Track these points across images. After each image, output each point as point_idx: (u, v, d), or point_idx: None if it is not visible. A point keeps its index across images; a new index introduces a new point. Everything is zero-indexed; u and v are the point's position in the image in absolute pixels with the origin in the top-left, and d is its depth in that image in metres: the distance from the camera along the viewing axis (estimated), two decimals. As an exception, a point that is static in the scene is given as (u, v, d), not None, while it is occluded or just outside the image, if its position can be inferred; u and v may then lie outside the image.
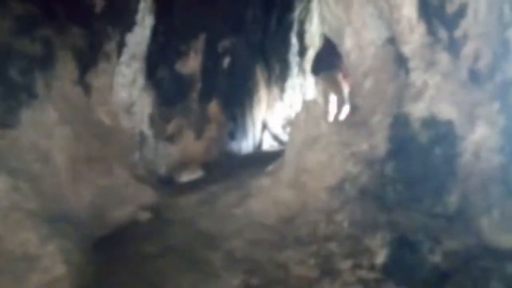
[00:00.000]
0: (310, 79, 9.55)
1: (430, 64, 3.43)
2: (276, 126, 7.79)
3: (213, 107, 6.35)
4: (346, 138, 3.75)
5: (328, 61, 7.26)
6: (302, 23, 9.22)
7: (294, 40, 8.85)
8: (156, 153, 5.29)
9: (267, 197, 3.91)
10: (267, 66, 7.90)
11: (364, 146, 3.65)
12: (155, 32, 5.03)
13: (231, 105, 6.73)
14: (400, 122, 3.57)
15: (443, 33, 3.37)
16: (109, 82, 4.54)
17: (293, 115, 8.70)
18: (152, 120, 5.31)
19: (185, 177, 5.09)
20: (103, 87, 4.46)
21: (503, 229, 2.78)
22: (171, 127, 5.68)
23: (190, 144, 5.94)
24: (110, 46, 4.44)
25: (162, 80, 5.50)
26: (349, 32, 4.32)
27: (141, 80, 5.01)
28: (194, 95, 5.92)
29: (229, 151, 6.83)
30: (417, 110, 3.44)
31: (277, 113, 8.29)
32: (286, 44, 8.52)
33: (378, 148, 3.61)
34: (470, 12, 3.24)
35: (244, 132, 7.09)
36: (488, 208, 2.89)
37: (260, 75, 7.55)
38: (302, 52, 9.23)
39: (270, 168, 4.37)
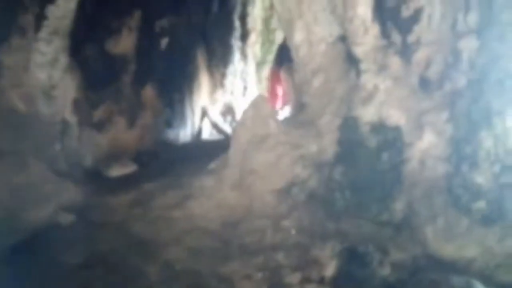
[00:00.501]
0: (252, 66, 9.31)
1: (382, 68, 3.36)
2: (216, 113, 7.45)
3: (148, 91, 5.83)
4: (295, 139, 3.58)
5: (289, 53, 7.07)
6: (244, 5, 8.85)
7: (237, 24, 8.47)
8: (80, 143, 4.70)
9: (210, 199, 3.64)
10: (208, 50, 7.46)
11: (313, 148, 3.51)
12: (82, 4, 4.38)
13: (169, 90, 6.25)
14: (349, 125, 3.48)
15: (396, 37, 3.31)
16: (25, 60, 3.87)
17: (234, 102, 8.43)
18: (77, 106, 4.70)
19: (116, 171, 4.61)
20: (17, 66, 3.78)
21: (446, 238, 2.82)
22: (99, 114, 5.10)
23: (121, 133, 5.40)
24: (26, 19, 3.76)
25: (89, 60, 4.87)
26: (299, 26, 4.10)
27: (64, 60, 4.37)
28: (127, 78, 5.36)
29: (165, 140, 6.38)
30: (367, 114, 3.37)
31: (218, 100, 7.94)
32: (228, 27, 8.11)
33: (327, 151, 3.50)
34: (424, 17, 3.20)
35: (182, 120, 6.67)
36: (433, 217, 2.91)
37: (201, 59, 7.11)
38: (244, 36, 8.90)
39: (212, 165, 4.07)
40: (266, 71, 10.38)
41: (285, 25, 4.42)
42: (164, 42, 5.78)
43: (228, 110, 8.25)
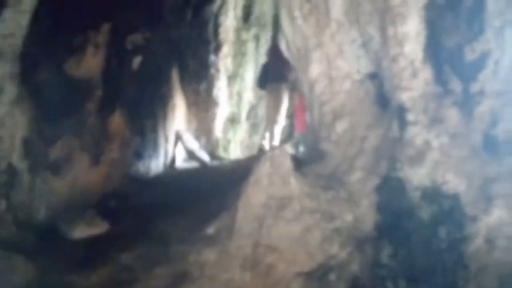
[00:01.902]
0: (223, 82, 8.52)
1: (435, 121, 2.72)
2: (190, 138, 6.55)
3: (116, 120, 4.84)
4: (324, 204, 2.85)
5: (275, 73, 6.35)
6: (216, 15, 8.04)
7: (211, 35, 7.62)
8: (33, 193, 3.67)
9: (213, 281, 2.81)
10: (181, 66, 6.54)
11: (348, 217, 2.80)
12: (37, 18, 3.36)
13: (139, 116, 5.28)
14: (392, 188, 2.82)
15: (455, 85, 2.68)
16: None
17: (207, 122, 7.56)
18: (28, 146, 3.65)
19: (80, 231, 3.61)
20: None
21: None
22: (56, 152, 4.04)
23: (84, 173, 4.38)
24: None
25: (44, 86, 3.82)
26: (317, 57, 3.39)
27: (11, 90, 3.33)
28: (91, 106, 4.35)
29: (134, 174, 5.40)
30: (416, 176, 2.72)
31: (191, 121, 7.04)
32: (203, 39, 7.25)
33: (365, 222, 2.80)
34: (491, 63, 2.60)
35: (155, 149, 5.71)
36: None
37: (175, 77, 6.19)
38: (216, 49, 8.07)
39: (211, 230, 3.23)
40: (238, 86, 9.63)
41: (297, 53, 3.69)
42: (136, 61, 4.82)
43: (203, 132, 7.40)
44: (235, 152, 10.11)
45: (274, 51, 6.87)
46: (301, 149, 12.24)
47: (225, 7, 8.38)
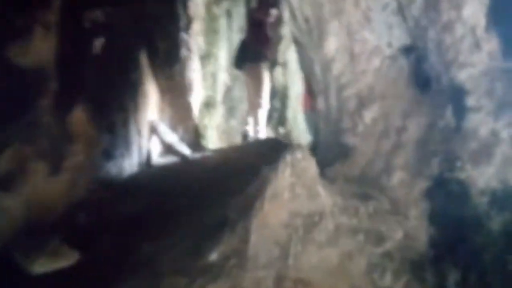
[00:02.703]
0: (197, 63, 7.70)
1: (504, 106, 2.13)
2: (168, 131, 5.73)
3: (78, 116, 3.96)
4: (365, 220, 2.21)
5: (253, 51, 5.76)
6: (185, -13, 7.10)
7: (181, 11, 6.70)
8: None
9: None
10: (151, 48, 5.64)
11: (398, 235, 2.19)
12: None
13: (106, 109, 4.43)
14: (449, 192, 2.22)
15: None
16: None
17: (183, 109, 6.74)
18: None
19: (42, 265, 2.82)
20: None
21: None
22: (4, 163, 3.18)
23: (43, 186, 3.53)
24: None
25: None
26: (335, 29, 2.69)
27: None
28: (45, 102, 3.46)
29: (105, 178, 4.57)
30: (482, 176, 2.14)
31: (165, 109, 6.19)
32: (172, 16, 6.32)
33: (418, 239, 2.20)
34: None
35: (127, 146, 4.88)
36: None
37: (144, 60, 5.30)
38: (187, 26, 7.17)
39: (214, 256, 2.54)
40: (212, 67, 8.95)
41: (305, 26, 2.96)
42: (98, 43, 3.93)
43: (180, 121, 6.58)
44: (212, 138, 9.53)
45: (250, 27, 6.31)
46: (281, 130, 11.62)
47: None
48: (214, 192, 3.82)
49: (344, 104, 2.72)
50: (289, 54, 10.42)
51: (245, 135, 6.44)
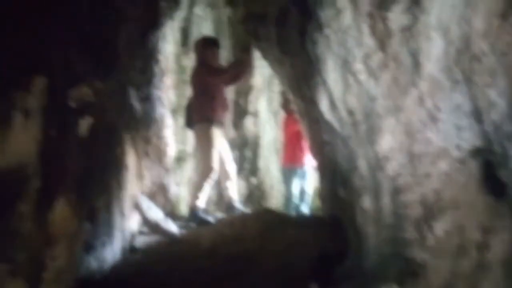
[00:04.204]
0: (169, 118, 7.20)
1: None
2: (153, 207, 5.07)
3: (60, 211, 3.25)
4: None
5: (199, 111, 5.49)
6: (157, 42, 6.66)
7: (154, 68, 6.21)
8: None
9: None
10: (130, 113, 5.06)
11: None
12: None
13: (89, 196, 3.75)
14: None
15: None
16: None
17: (162, 174, 6.12)
18: None
19: None
20: None
21: None
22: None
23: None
24: None
25: None
26: (391, 126, 2.38)
27: None
28: (26, 206, 2.77)
29: (85, 275, 3.82)
30: None
31: (144, 177, 5.54)
32: (147, 74, 5.81)
33: None
34: None
35: (109, 233, 4.17)
36: None
37: (125, 130, 4.70)
38: (160, 81, 6.68)
39: None
40: (181, 119, 8.52)
41: (349, 118, 2.62)
42: (84, 123, 3.33)
43: (159, 188, 5.95)
44: (183, 194, 9.07)
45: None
46: (254, 180, 11.18)
47: (163, 31, 7.05)
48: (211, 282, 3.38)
49: (405, 210, 2.39)
50: (259, 103, 10.21)
51: (229, 206, 5.81)
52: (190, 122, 5.89)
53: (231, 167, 5.80)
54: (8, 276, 2.72)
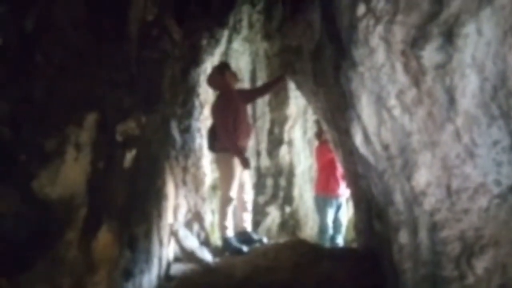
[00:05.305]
0: (206, 151, 7.34)
1: None
2: (189, 236, 5.19)
3: (103, 239, 3.43)
4: None
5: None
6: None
7: (194, 100, 6.47)
8: None
9: None
10: (170, 143, 5.29)
11: None
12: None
13: (130, 224, 3.91)
14: None
15: None
16: None
17: (199, 203, 6.26)
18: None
19: None
20: None
21: None
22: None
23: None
24: None
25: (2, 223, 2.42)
26: (427, 161, 2.38)
27: None
28: (73, 235, 2.95)
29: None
30: None
31: (181, 205, 5.69)
32: (187, 106, 6.07)
33: None
34: None
35: (148, 260, 4.30)
36: None
37: (166, 160, 4.91)
38: (199, 113, 6.93)
39: None
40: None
41: (383, 153, 2.64)
42: (129, 156, 3.53)
43: (195, 217, 6.07)
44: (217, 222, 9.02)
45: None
46: (288, 209, 11.10)
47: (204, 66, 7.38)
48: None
49: (443, 247, 2.34)
50: (294, 132, 10.27)
51: (245, 237, 5.68)
52: (212, 146, 5.80)
53: (248, 197, 5.82)
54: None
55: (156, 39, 3.92)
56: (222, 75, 5.71)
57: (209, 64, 7.50)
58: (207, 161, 7.05)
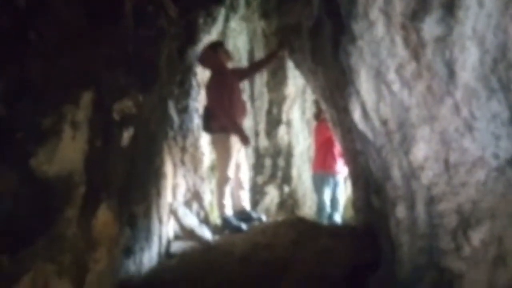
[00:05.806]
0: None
1: None
2: (188, 214, 5.22)
3: (103, 217, 3.46)
4: None
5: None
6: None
7: (191, 80, 6.41)
8: None
9: None
10: (168, 122, 5.27)
11: None
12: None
13: (129, 202, 3.94)
14: None
15: None
16: None
17: (198, 182, 6.29)
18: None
19: None
20: None
21: None
22: (24, 292, 2.62)
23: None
24: None
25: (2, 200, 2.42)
26: (426, 135, 2.37)
27: None
28: (72, 212, 2.97)
29: (124, 280, 4.00)
30: None
31: (179, 184, 5.72)
32: (184, 87, 6.02)
33: None
34: None
35: (148, 238, 4.34)
36: None
37: (164, 140, 4.90)
38: (197, 93, 6.87)
39: None
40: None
41: (382, 128, 2.64)
42: (126, 135, 3.51)
43: (194, 196, 6.10)
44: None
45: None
46: (286, 188, 11.14)
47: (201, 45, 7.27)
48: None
49: (440, 220, 2.36)
50: (293, 113, 10.22)
51: (244, 215, 5.71)
52: (207, 127, 5.75)
53: (245, 176, 5.85)
54: (55, 276, 2.91)
55: (152, 16, 3.85)
56: (215, 53, 5.62)
57: (206, 43, 7.39)
58: (205, 141, 7.04)
